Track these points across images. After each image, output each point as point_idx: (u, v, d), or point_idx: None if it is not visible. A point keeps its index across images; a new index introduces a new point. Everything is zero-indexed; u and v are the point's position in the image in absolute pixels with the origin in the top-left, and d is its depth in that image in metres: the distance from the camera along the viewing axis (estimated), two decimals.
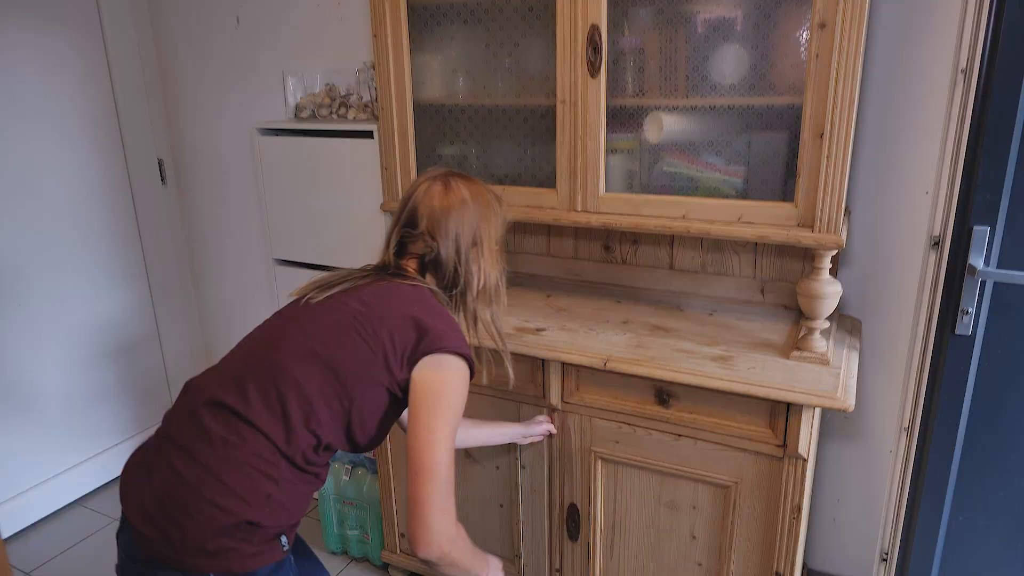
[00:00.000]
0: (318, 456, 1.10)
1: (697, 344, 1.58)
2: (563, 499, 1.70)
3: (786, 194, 1.48)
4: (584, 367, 1.56)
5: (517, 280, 2.08)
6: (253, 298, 2.69)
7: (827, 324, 1.48)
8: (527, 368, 1.64)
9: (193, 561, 1.01)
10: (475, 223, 1.24)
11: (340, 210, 2.12)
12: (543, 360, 1.61)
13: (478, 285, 1.27)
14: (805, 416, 1.38)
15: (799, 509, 1.44)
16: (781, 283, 1.78)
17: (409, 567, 2.06)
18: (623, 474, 1.61)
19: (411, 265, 1.24)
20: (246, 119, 2.42)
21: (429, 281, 1.24)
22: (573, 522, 1.70)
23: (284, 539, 1.09)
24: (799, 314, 1.74)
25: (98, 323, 2.53)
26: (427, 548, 1.05)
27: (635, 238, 1.91)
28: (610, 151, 1.61)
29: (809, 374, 1.42)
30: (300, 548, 1.27)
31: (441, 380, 1.10)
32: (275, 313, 1.21)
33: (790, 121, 1.44)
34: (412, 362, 1.11)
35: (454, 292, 1.25)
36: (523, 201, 1.72)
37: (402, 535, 2.04)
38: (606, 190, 1.63)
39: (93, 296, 2.49)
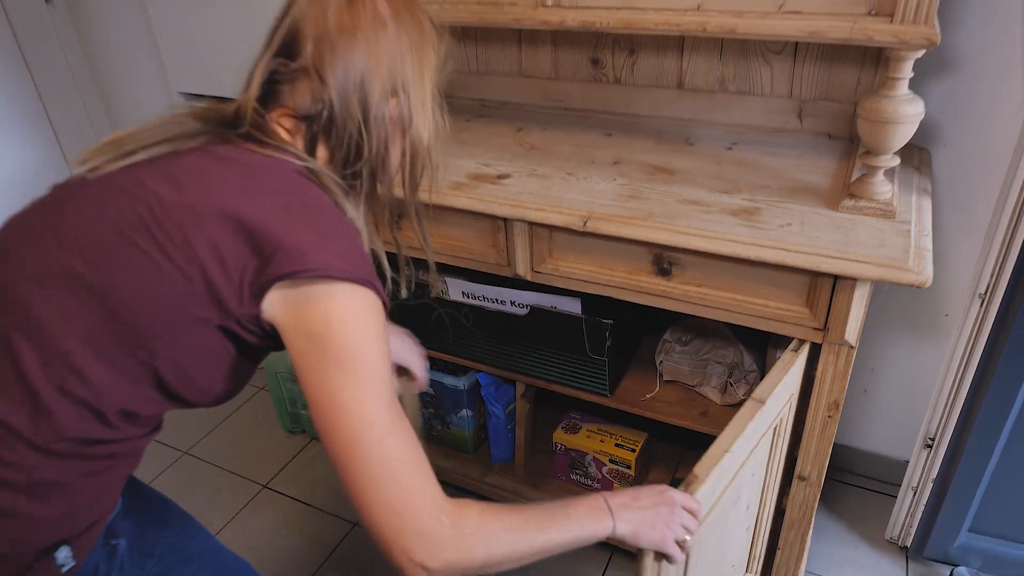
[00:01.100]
0: (111, 430, 0.70)
1: (711, 192, 1.17)
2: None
3: None
4: (558, 228, 1.17)
5: (480, 111, 1.62)
6: None
7: (895, 161, 1.05)
8: (487, 228, 1.25)
9: None
10: (397, 59, 0.77)
11: (251, 30, 1.62)
12: (505, 220, 1.21)
13: (396, 164, 0.82)
14: (859, 291, 0.99)
15: (837, 407, 1.11)
16: (826, 103, 1.32)
17: None
18: None
19: (284, 124, 0.77)
20: None
21: (321, 156, 0.78)
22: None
23: (63, 553, 0.71)
24: (849, 145, 1.30)
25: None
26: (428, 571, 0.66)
27: (632, 46, 1.42)
28: None
29: (867, 232, 1.02)
30: (145, 506, 0.92)
31: (321, 321, 0.66)
32: (39, 199, 0.73)
33: None
34: (257, 292, 0.67)
35: (355, 173, 0.79)
36: None
37: None
38: None
39: None
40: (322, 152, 0.79)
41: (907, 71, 0.98)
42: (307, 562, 1.63)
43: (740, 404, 1.36)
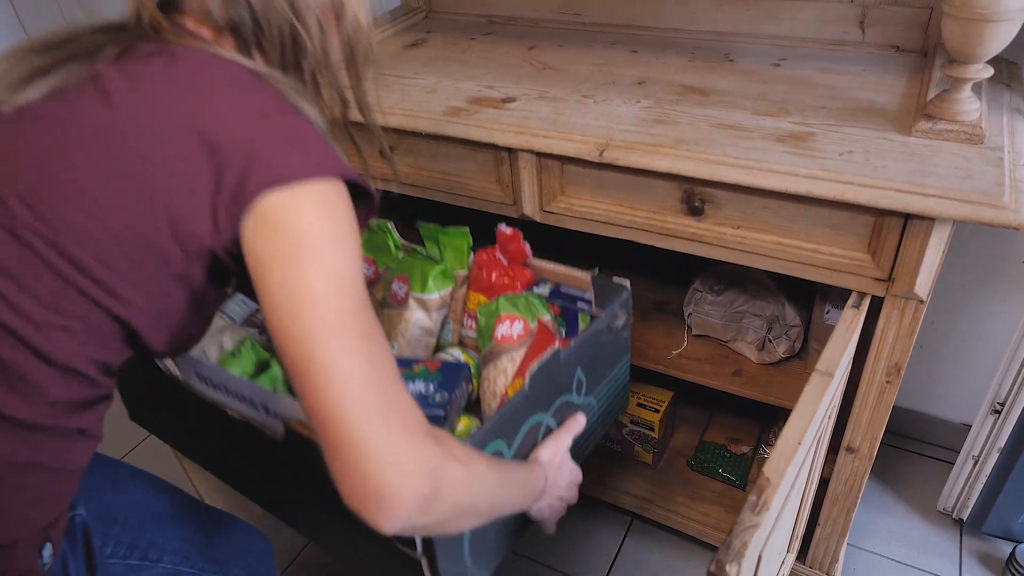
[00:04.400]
0: (89, 387, 0.60)
1: (754, 115, 0.98)
2: None
3: None
4: (570, 159, 0.99)
5: (487, 27, 1.42)
6: None
7: (988, 72, 0.85)
8: (489, 160, 1.08)
9: None
10: None
11: None
12: (509, 150, 1.03)
13: (338, 55, 0.68)
14: (936, 234, 0.81)
15: (899, 371, 0.94)
16: (894, 7, 1.10)
17: None
18: None
19: (203, 34, 0.62)
20: None
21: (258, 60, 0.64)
22: None
23: (47, 550, 0.63)
24: (922, 60, 1.09)
25: None
26: (393, 516, 0.53)
27: None
28: None
29: (949, 161, 0.83)
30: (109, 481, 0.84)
31: (297, 233, 0.54)
32: None
33: None
34: (233, 217, 0.55)
35: (300, 79, 0.66)
36: None
37: None
38: None
39: None
40: (259, 61, 0.63)
41: None
42: None
43: (780, 363, 1.20)
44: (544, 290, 1.02)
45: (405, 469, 0.53)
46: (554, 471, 0.82)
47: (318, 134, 0.60)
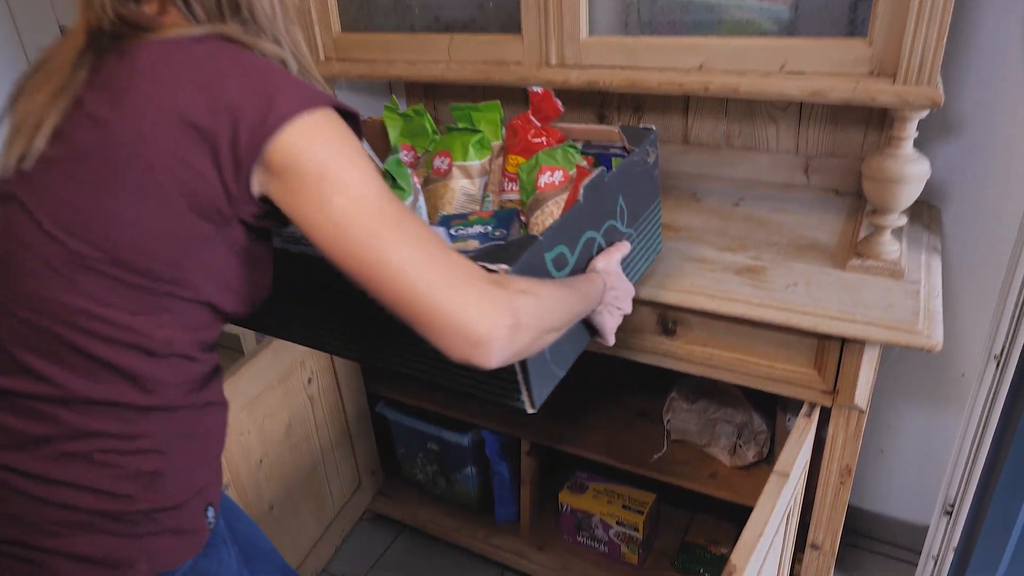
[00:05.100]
0: (199, 364, 0.71)
1: (717, 249, 1.16)
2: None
3: (854, 26, 0.99)
4: None
5: None
6: None
7: (902, 220, 1.04)
8: None
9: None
10: None
11: None
12: None
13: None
14: (868, 354, 0.97)
15: (849, 472, 1.07)
16: (832, 159, 1.32)
17: None
18: None
19: (152, 9, 0.67)
20: None
21: (201, 16, 0.68)
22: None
23: (210, 512, 0.76)
24: (857, 201, 1.29)
25: None
26: (492, 354, 0.62)
27: (637, 103, 1.43)
28: None
29: (875, 293, 1.00)
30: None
31: (310, 171, 0.61)
32: None
33: None
34: (242, 181, 0.62)
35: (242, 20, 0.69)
36: (479, 55, 1.25)
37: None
38: (590, 32, 1.14)
39: None
40: (200, 12, 0.67)
41: (911, 131, 0.97)
42: None
43: (750, 466, 1.33)
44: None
45: (485, 315, 0.61)
46: (611, 280, 0.88)
47: (286, 72, 0.65)
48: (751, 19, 1.04)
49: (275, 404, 1.44)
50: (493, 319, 0.61)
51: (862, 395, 1.00)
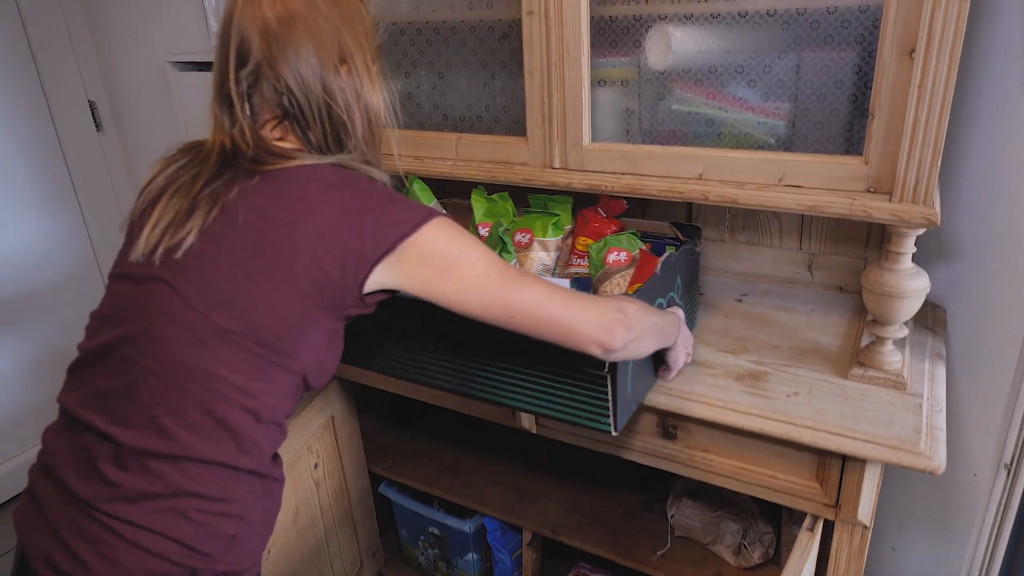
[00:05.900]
0: (282, 434, 0.85)
1: (718, 351, 1.16)
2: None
3: (851, 144, 1.01)
4: None
5: None
6: None
7: (904, 331, 1.03)
8: None
9: None
10: (334, 30, 0.83)
11: None
12: None
13: (363, 124, 0.88)
14: (870, 471, 0.96)
15: None
16: (836, 257, 1.32)
17: None
18: None
19: (275, 135, 0.85)
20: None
21: (316, 141, 0.86)
22: None
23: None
24: (861, 299, 1.29)
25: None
26: (618, 343, 0.83)
27: (642, 202, 1.45)
28: (597, 83, 1.15)
29: (876, 406, 0.99)
30: None
31: (428, 256, 0.80)
32: (117, 278, 0.83)
33: (861, 32, 0.96)
34: (361, 282, 0.79)
35: (342, 146, 0.87)
36: (485, 155, 1.28)
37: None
38: (592, 139, 1.17)
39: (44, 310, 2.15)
40: (314, 139, 0.85)
41: (909, 246, 0.98)
42: None
43: (756, 568, 1.30)
44: None
45: (603, 315, 0.83)
46: (683, 325, 1.06)
47: (395, 193, 0.82)
48: (749, 133, 1.07)
49: (284, 492, 1.43)
50: (608, 316, 0.84)
51: (865, 511, 0.98)
